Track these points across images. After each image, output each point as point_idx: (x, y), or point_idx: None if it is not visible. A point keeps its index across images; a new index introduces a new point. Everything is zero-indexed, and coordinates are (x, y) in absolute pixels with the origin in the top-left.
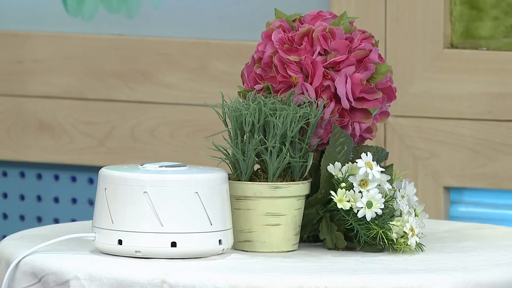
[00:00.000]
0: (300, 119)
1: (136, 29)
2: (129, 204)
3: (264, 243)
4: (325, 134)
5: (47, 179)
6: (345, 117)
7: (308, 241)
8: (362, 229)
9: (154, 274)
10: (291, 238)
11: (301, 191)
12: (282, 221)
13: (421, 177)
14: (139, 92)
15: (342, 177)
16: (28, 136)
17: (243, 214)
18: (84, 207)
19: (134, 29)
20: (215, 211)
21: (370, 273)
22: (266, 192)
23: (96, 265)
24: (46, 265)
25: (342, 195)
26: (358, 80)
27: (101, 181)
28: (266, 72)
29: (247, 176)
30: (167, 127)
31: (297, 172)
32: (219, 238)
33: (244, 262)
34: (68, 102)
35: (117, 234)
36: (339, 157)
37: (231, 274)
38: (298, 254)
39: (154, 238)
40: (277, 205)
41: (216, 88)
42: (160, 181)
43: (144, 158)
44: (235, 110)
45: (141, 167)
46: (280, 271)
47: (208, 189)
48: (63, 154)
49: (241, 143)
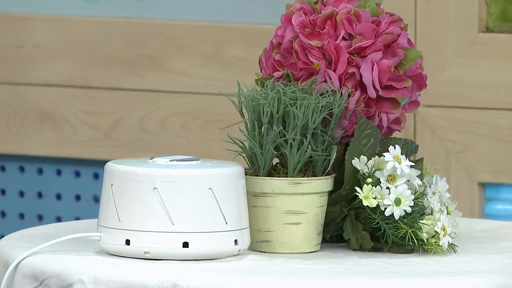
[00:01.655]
0: (323, 109)
1: (144, 12)
2: (137, 201)
3: (284, 244)
4: (349, 126)
5: (49, 174)
6: (371, 107)
7: (331, 241)
8: (389, 228)
9: (164, 277)
10: (312, 238)
11: (324, 187)
12: (303, 219)
13: (454, 172)
14: (148, 80)
15: (368, 172)
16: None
17: (260, 212)
18: (88, 205)
19: (143, 11)
20: (230, 209)
21: (398, 276)
22: (285, 188)
23: (102, 267)
24: (47, 267)
25: (368, 192)
26: (386, 67)
27: (107, 177)
28: (285, 58)
29: (265, 171)
30: (179, 118)
31: (319, 166)
32: (235, 238)
33: (262, 264)
34: (71, 90)
35: (124, 234)
36: (365, 150)
37: (248, 277)
38: (321, 255)
39: (165, 238)
40: (297, 202)
41: (232, 75)
42: (171, 177)
43: (154, 152)
44: (252, 99)
45: (150, 161)
46: (301, 273)
47: (223, 185)
48: (66, 147)
49: (258, 135)
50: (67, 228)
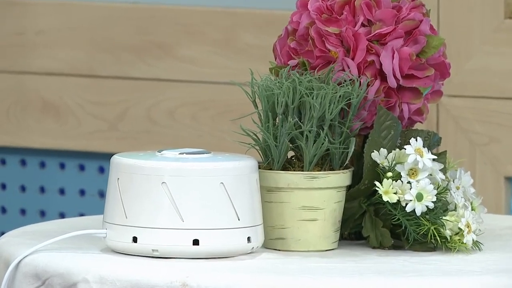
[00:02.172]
0: (341, 100)
1: None
2: (145, 197)
3: (299, 241)
4: (368, 117)
5: (52, 167)
6: (391, 97)
7: (350, 238)
8: (411, 225)
9: (173, 276)
10: (330, 235)
11: (342, 181)
12: (319, 215)
13: (479, 166)
14: (156, 68)
15: (388, 166)
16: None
17: (275, 208)
18: (93, 200)
19: None
20: (243, 205)
21: (420, 275)
22: (301, 182)
23: (108, 266)
24: (50, 266)
25: (389, 186)
26: (407, 54)
27: (113, 170)
28: (301, 45)
29: (280, 164)
30: (188, 108)
31: (337, 160)
32: (248, 235)
33: (276, 262)
34: (76, 79)
35: (131, 231)
36: (385, 142)
37: (262, 276)
38: (338, 253)
39: (174, 235)
40: (314, 198)
41: (244, 63)
42: (180, 170)
43: (162, 144)
44: (266, 89)
45: (158, 154)
46: (317, 272)
47: (235, 179)
48: (70, 139)
49: (273, 127)
50: (71, 225)
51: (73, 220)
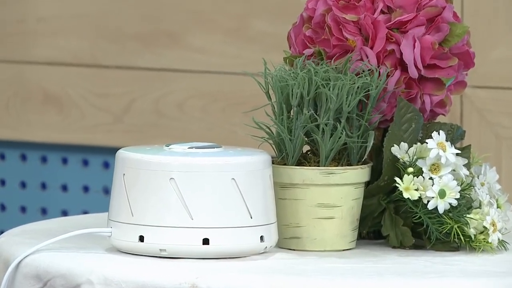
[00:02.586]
0: (359, 91)
1: None
2: (152, 193)
3: (315, 240)
4: (388, 109)
5: (53, 162)
6: (413, 88)
7: (368, 237)
8: (433, 223)
9: (182, 277)
10: (347, 234)
11: (360, 177)
12: (336, 213)
13: (505, 161)
14: (164, 58)
15: (409, 161)
16: (30, 111)
17: (289, 206)
18: (97, 197)
19: None
20: (255, 202)
21: (442, 276)
22: (317, 178)
23: (113, 267)
24: (52, 267)
25: (409, 183)
26: (429, 43)
27: (118, 166)
28: (317, 34)
29: (295, 159)
30: (198, 100)
31: (355, 154)
32: (261, 234)
33: (291, 263)
34: (79, 69)
35: (138, 229)
36: (406, 136)
37: (275, 277)
38: (356, 253)
39: (183, 234)
40: (330, 195)
41: (257, 53)
42: (189, 166)
43: (170, 138)
44: (280, 79)
45: (166, 148)
46: (334, 273)
47: (248, 175)
48: (73, 133)
49: (287, 120)
50: (74, 223)
51: (76, 218)
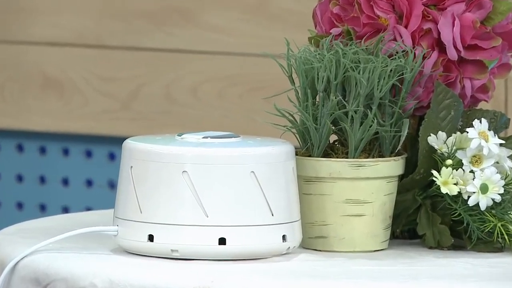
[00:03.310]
0: (392, 75)
1: None
2: (163, 188)
3: (343, 240)
4: (424, 95)
5: (54, 153)
6: (452, 71)
7: (402, 237)
8: (474, 221)
9: (196, 281)
10: (379, 233)
11: (393, 170)
12: (367, 210)
13: None
14: (176, 38)
15: (447, 152)
16: (28, 96)
17: (315, 202)
18: (102, 192)
19: None
20: (277, 198)
21: (483, 279)
22: (346, 171)
23: (119, 269)
24: (52, 269)
25: (448, 176)
26: (470, 22)
27: (125, 157)
28: (346, 11)
29: (321, 150)
30: (214, 84)
31: (387, 145)
32: (283, 233)
33: (316, 265)
34: (82, 51)
35: (147, 228)
36: (444, 125)
37: (299, 281)
38: (389, 254)
39: (197, 233)
40: (360, 189)
41: (279, 32)
42: (204, 157)
43: (183, 127)
44: (305, 62)
45: (178, 138)
46: (364, 277)
47: (268, 167)
48: (75, 121)
49: (312, 106)
50: (76, 221)
51: (79, 215)
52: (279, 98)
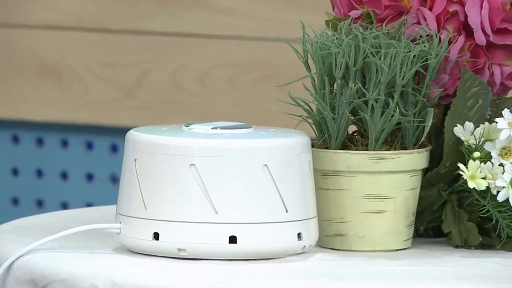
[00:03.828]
0: (415, 60)
1: None
2: (169, 183)
3: (363, 239)
4: (450, 82)
5: (52, 145)
6: (479, 57)
7: (426, 235)
8: (504, 218)
9: (204, 282)
10: (401, 231)
11: (416, 163)
12: (388, 206)
13: None
14: (183, 21)
15: (475, 144)
16: (24, 84)
17: (332, 197)
18: (104, 186)
19: None
20: (292, 193)
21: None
22: (365, 164)
23: (122, 269)
24: (50, 269)
25: (476, 170)
26: (499, 4)
27: (129, 149)
28: None
29: (339, 142)
30: (224, 71)
31: (411, 136)
32: (298, 231)
33: (334, 265)
34: (82, 35)
35: (152, 226)
36: (471, 114)
37: (316, 282)
38: (412, 254)
39: (205, 231)
40: (381, 184)
41: (295, 15)
42: (213, 150)
43: (191, 117)
44: (322, 47)
45: (186, 129)
46: (385, 278)
47: (283, 160)
48: (75, 110)
49: (329, 95)
50: (76, 218)
51: (79, 211)
52: (294, 86)
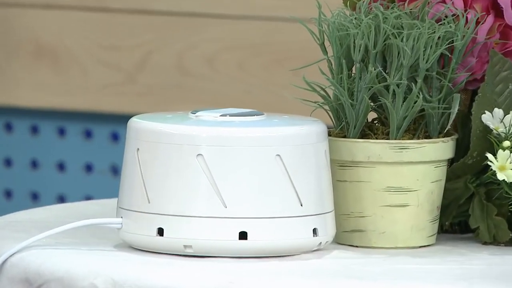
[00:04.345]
0: (440, 42)
1: None
2: (174, 174)
3: (384, 235)
4: (478, 66)
5: (47, 133)
6: (510, 38)
7: (452, 231)
8: None
9: (212, 282)
10: (425, 226)
11: (441, 153)
12: (411, 200)
13: None
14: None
15: (504, 132)
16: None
17: (350, 190)
18: (104, 178)
19: None
20: (307, 185)
21: None
22: (386, 154)
23: (124, 268)
24: (46, 268)
25: (505, 160)
26: None
27: (131, 138)
28: None
29: (357, 130)
30: (234, 53)
31: (435, 124)
32: (314, 226)
33: (352, 263)
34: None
35: (156, 220)
36: (501, 100)
37: (332, 281)
38: (437, 251)
39: (214, 226)
40: (403, 176)
41: None
42: (222, 139)
43: (198, 102)
44: (339, 28)
45: (193, 116)
46: (408, 277)
47: (297, 150)
48: (72, 96)
49: (348, 79)
50: (74, 212)
51: (77, 205)
52: (309, 70)
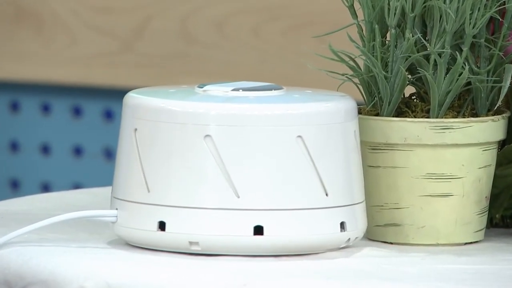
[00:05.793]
0: (489, 4)
1: None
2: (178, 159)
3: (423, 229)
4: None
5: (30, 110)
6: None
7: (504, 225)
8: None
9: (223, 284)
10: (471, 220)
11: (491, 134)
12: (455, 189)
13: None
14: None
15: None
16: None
17: (384, 177)
18: (95, 163)
19: None
20: (333, 172)
21: None
22: (426, 136)
23: (119, 268)
24: (28, 268)
25: None
26: None
27: (127, 117)
28: None
29: (392, 107)
30: (246, 18)
31: (483, 100)
32: (341, 219)
33: (386, 263)
34: None
35: (156, 213)
36: None
37: (363, 283)
38: (485, 248)
39: (224, 219)
40: (446, 161)
41: None
42: (234, 117)
43: (205, 75)
44: None
45: (199, 90)
46: (451, 279)
47: (321, 131)
48: (59, 66)
49: (381, 48)
50: (60, 202)
51: (64, 195)
52: (335, 37)
